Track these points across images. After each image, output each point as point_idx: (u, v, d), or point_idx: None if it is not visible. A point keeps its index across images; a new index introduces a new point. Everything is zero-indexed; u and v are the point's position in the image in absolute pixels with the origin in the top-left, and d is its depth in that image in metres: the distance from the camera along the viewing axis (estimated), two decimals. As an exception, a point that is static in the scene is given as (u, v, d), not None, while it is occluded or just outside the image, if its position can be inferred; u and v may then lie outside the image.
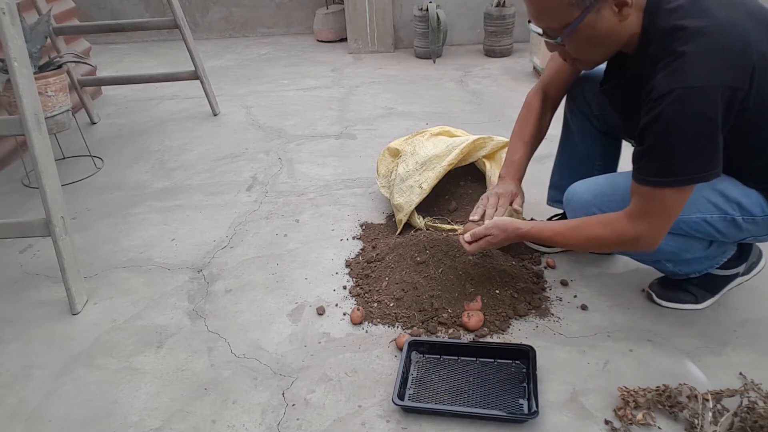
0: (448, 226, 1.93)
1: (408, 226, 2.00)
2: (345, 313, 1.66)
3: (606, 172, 1.72)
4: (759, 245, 1.60)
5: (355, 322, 1.61)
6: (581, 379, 1.38)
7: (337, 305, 1.70)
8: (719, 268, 1.50)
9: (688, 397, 1.27)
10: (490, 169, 2.01)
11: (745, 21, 1.12)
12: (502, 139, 2.06)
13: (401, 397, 1.32)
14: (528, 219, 2.03)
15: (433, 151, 2.02)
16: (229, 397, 1.41)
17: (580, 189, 1.48)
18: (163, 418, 1.36)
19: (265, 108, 3.49)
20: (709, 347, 1.45)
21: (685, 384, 1.30)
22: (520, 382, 1.36)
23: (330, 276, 1.84)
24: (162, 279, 1.89)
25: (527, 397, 1.31)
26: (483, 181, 2.06)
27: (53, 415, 1.39)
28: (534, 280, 1.71)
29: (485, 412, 1.29)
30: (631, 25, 1.19)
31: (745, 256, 1.53)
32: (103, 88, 3.84)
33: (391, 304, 1.64)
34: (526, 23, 1.28)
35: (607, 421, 1.26)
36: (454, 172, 2.04)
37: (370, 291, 1.71)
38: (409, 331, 1.55)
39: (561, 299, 1.65)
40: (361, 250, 1.96)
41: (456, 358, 1.45)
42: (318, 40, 5.12)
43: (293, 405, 1.37)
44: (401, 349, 1.45)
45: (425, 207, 2.02)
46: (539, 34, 1.25)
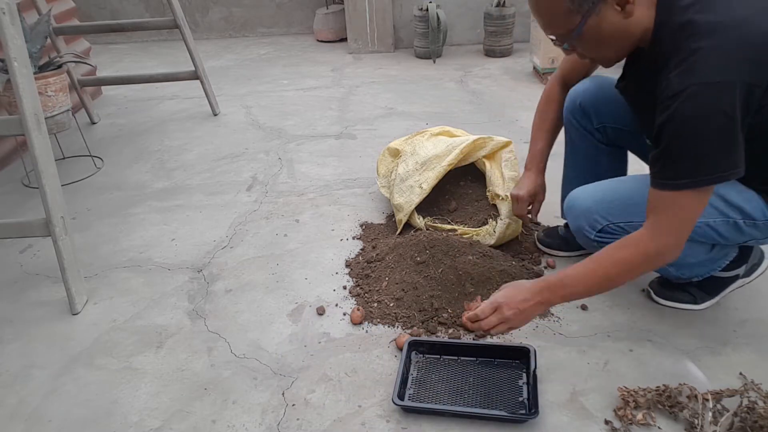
0: (448, 226, 1.93)
1: (408, 226, 2.00)
2: (345, 313, 1.66)
3: None
4: (762, 247, 1.59)
5: (355, 322, 1.61)
6: (581, 379, 1.38)
7: (337, 305, 1.70)
8: (720, 271, 1.50)
9: (688, 397, 1.27)
10: (490, 169, 2.01)
11: (763, 15, 1.09)
12: (502, 139, 2.06)
13: (401, 397, 1.32)
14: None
15: (433, 151, 2.02)
16: (229, 397, 1.41)
17: (581, 195, 1.47)
18: (163, 418, 1.36)
19: (265, 108, 3.49)
20: (709, 347, 1.45)
21: (685, 384, 1.30)
22: (520, 382, 1.36)
23: (330, 276, 1.84)
24: (162, 279, 1.89)
25: (527, 396, 1.31)
26: (483, 181, 2.06)
27: (53, 415, 1.39)
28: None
29: (485, 412, 1.29)
30: (643, 21, 1.16)
31: (745, 258, 1.53)
32: (103, 88, 3.84)
33: (391, 304, 1.64)
34: (530, 23, 1.29)
35: (607, 421, 1.26)
36: (454, 172, 2.04)
37: (370, 291, 1.71)
38: (409, 331, 1.55)
39: (561, 299, 1.65)
40: (361, 250, 1.96)
41: (456, 358, 1.45)
42: (318, 40, 5.12)
43: (293, 405, 1.37)
44: (401, 349, 1.45)
45: (425, 207, 2.02)
46: (552, 40, 1.26)
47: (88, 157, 2.84)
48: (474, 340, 1.51)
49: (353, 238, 2.04)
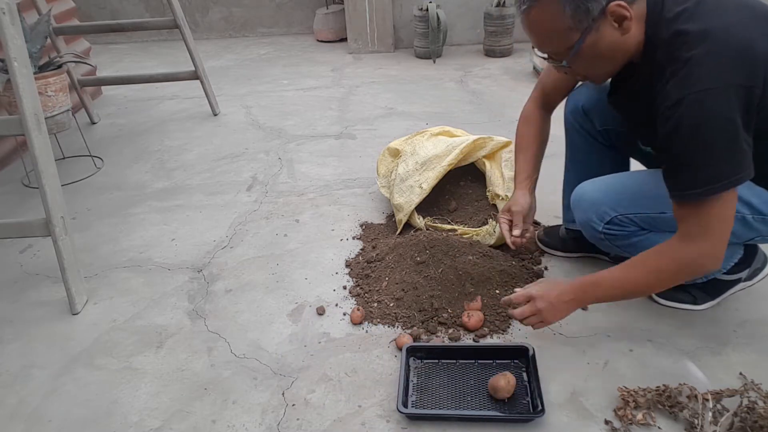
0: (448, 226, 1.93)
1: (408, 226, 2.00)
2: (345, 313, 1.66)
3: None
4: (766, 251, 1.59)
5: (355, 322, 1.61)
6: (581, 379, 1.38)
7: (337, 305, 1.70)
8: (724, 274, 1.50)
9: (688, 397, 1.27)
10: (490, 169, 2.01)
11: (748, 20, 1.11)
12: (502, 139, 2.06)
13: (405, 405, 1.31)
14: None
15: (433, 151, 2.02)
16: (229, 397, 1.40)
17: (590, 188, 1.46)
18: (163, 418, 1.36)
19: (265, 108, 3.49)
20: (709, 347, 1.45)
21: (685, 384, 1.30)
22: (522, 382, 1.36)
23: (330, 276, 1.84)
24: (162, 279, 1.89)
25: (530, 395, 1.31)
26: (483, 181, 2.06)
27: (53, 415, 1.39)
28: (534, 280, 1.71)
29: (491, 414, 1.29)
30: (636, 36, 1.18)
31: (749, 261, 1.52)
32: (103, 88, 3.84)
33: (391, 304, 1.64)
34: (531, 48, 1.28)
35: (607, 421, 1.26)
36: (454, 172, 2.04)
37: (370, 291, 1.71)
38: (409, 331, 1.55)
39: (561, 299, 1.65)
40: (361, 250, 1.96)
41: (455, 361, 1.44)
42: (318, 40, 5.12)
43: (293, 405, 1.37)
44: (401, 350, 1.45)
45: (425, 207, 2.02)
46: (545, 58, 1.25)
47: (88, 157, 2.84)
48: (473, 341, 1.51)
49: (353, 238, 2.04)
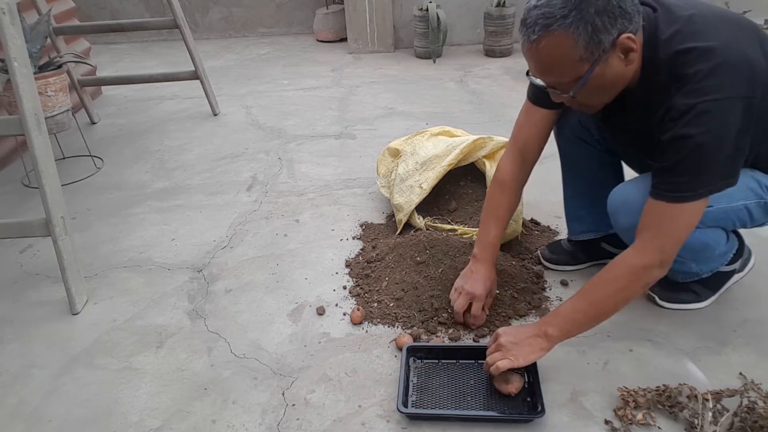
0: (448, 226, 1.93)
1: (408, 226, 2.00)
2: (345, 313, 1.66)
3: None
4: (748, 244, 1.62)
5: (355, 322, 1.61)
6: (581, 379, 1.38)
7: (337, 305, 1.70)
8: (724, 264, 1.52)
9: (688, 397, 1.28)
10: (490, 169, 2.01)
11: (740, 35, 1.16)
12: (502, 139, 2.06)
13: (405, 405, 1.31)
14: (528, 219, 2.03)
15: (433, 151, 2.02)
16: (229, 397, 1.41)
17: (633, 190, 1.38)
18: (163, 418, 1.36)
19: (265, 108, 3.49)
20: (709, 347, 1.45)
21: (685, 384, 1.30)
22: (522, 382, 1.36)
23: (330, 276, 1.84)
24: (162, 279, 1.89)
25: (530, 395, 1.31)
26: (483, 181, 2.06)
27: (53, 415, 1.39)
28: (534, 280, 1.71)
29: (492, 414, 1.29)
30: (636, 64, 1.19)
31: (741, 252, 1.55)
32: (103, 88, 3.84)
33: (391, 304, 1.64)
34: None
35: (607, 421, 1.26)
36: (454, 172, 2.04)
37: (370, 291, 1.71)
38: (409, 331, 1.55)
39: (561, 299, 1.65)
40: (361, 250, 1.96)
41: (455, 361, 1.44)
42: (318, 40, 5.12)
43: (293, 405, 1.37)
44: (401, 350, 1.45)
45: (425, 207, 2.02)
46: (544, 88, 1.23)
47: (88, 157, 2.84)
48: (473, 341, 1.51)
49: (353, 238, 2.04)
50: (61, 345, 1.63)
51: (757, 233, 1.56)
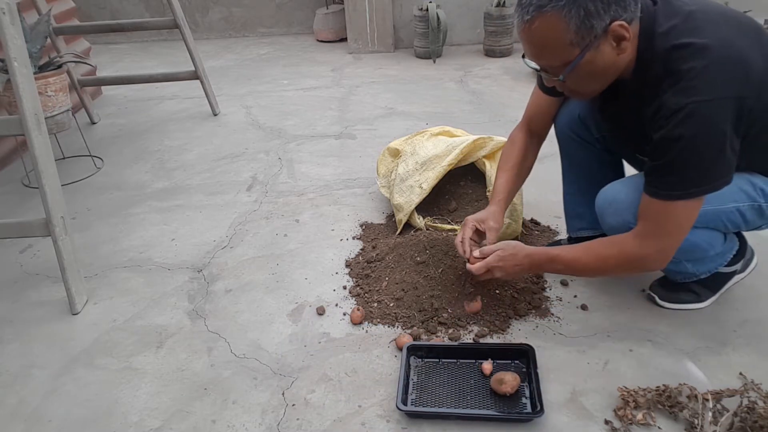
0: (448, 226, 1.93)
1: (408, 226, 2.00)
2: (345, 313, 1.66)
3: None
4: (751, 245, 1.62)
5: (355, 322, 1.61)
6: (581, 379, 1.38)
7: (337, 305, 1.70)
8: (724, 266, 1.51)
9: (688, 397, 1.28)
10: (490, 169, 2.01)
11: (739, 33, 1.16)
12: (502, 139, 2.05)
13: (404, 403, 1.31)
14: (528, 219, 2.03)
15: (433, 151, 2.02)
16: (229, 397, 1.41)
17: (621, 189, 1.40)
18: (163, 418, 1.36)
19: (265, 108, 3.49)
20: (709, 347, 1.45)
21: (685, 384, 1.30)
22: (522, 382, 1.36)
23: (330, 276, 1.84)
24: (162, 279, 1.89)
25: (530, 396, 1.31)
26: (483, 181, 2.06)
27: (53, 415, 1.39)
28: (534, 280, 1.71)
29: (491, 413, 1.29)
30: (629, 54, 1.19)
31: (742, 253, 1.55)
32: (103, 88, 3.84)
33: (391, 304, 1.64)
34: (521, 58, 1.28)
35: (607, 421, 1.26)
36: (454, 172, 2.04)
37: (370, 291, 1.71)
38: (409, 331, 1.55)
39: (561, 299, 1.65)
40: (361, 250, 1.96)
41: (455, 360, 1.44)
42: (318, 40, 5.12)
43: (293, 405, 1.37)
44: (401, 350, 1.45)
45: (425, 207, 2.02)
46: (537, 70, 1.25)
47: (88, 157, 2.84)
48: (473, 341, 1.51)
49: (353, 238, 2.04)
50: (61, 345, 1.63)
51: (757, 233, 1.56)
